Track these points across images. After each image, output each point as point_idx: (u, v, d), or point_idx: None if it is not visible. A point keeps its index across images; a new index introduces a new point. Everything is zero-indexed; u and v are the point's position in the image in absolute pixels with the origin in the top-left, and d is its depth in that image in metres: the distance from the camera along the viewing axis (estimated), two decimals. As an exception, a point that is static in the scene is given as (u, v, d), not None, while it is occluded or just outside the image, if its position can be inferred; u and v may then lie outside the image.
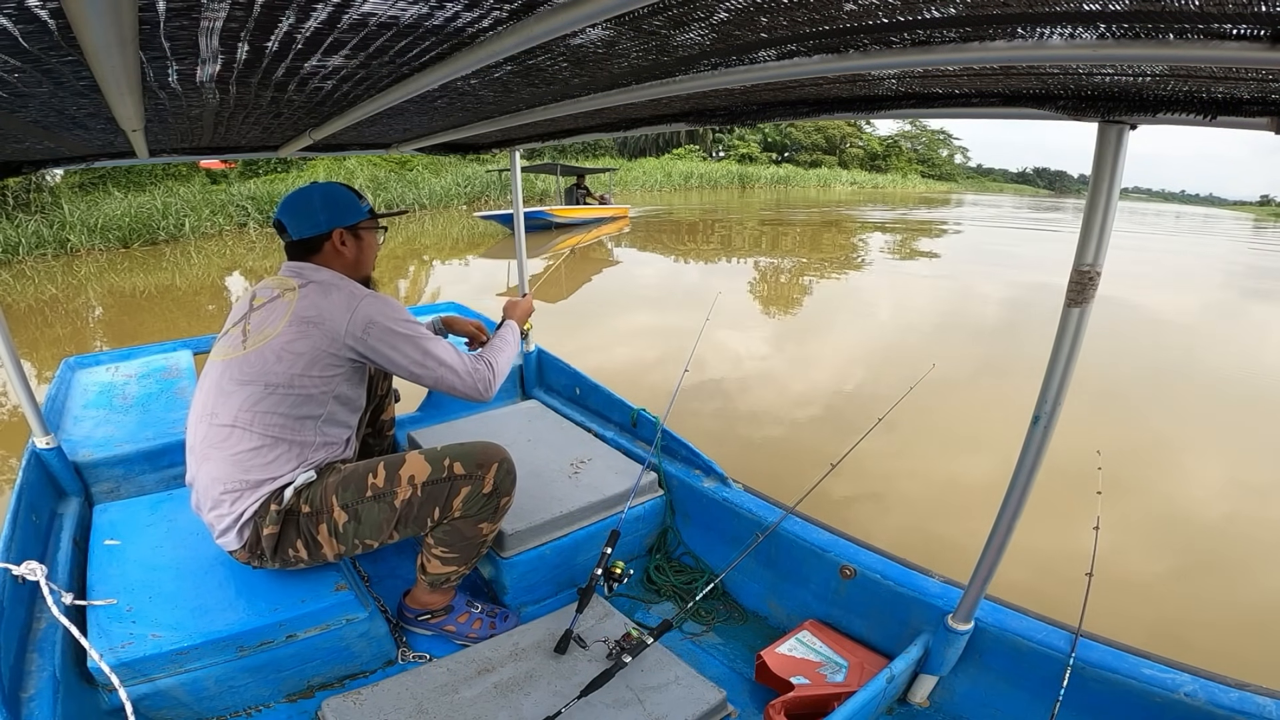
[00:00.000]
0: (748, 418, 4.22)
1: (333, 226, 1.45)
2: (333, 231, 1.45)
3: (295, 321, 1.34)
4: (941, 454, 3.78)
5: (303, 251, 1.46)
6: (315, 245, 1.46)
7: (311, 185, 1.48)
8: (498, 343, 1.64)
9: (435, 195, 17.90)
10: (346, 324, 1.35)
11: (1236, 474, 3.79)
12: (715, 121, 1.39)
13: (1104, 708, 1.21)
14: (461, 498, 1.40)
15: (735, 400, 4.51)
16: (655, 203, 22.68)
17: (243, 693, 1.35)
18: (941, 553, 2.50)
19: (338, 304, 1.36)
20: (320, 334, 1.34)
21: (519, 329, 1.76)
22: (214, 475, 1.34)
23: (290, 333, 1.33)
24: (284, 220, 1.45)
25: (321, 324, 1.34)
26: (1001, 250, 14.37)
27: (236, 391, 1.33)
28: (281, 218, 1.45)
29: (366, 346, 1.37)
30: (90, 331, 6.77)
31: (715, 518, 1.86)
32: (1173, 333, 7.21)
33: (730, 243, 13.79)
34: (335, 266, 1.47)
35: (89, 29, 0.51)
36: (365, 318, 1.36)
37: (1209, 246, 19.57)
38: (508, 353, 1.62)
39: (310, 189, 1.47)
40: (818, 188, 38.07)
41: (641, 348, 5.70)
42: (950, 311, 7.82)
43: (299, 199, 1.46)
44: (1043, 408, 1.06)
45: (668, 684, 1.38)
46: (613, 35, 0.75)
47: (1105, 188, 0.92)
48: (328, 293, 1.37)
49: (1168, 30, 0.55)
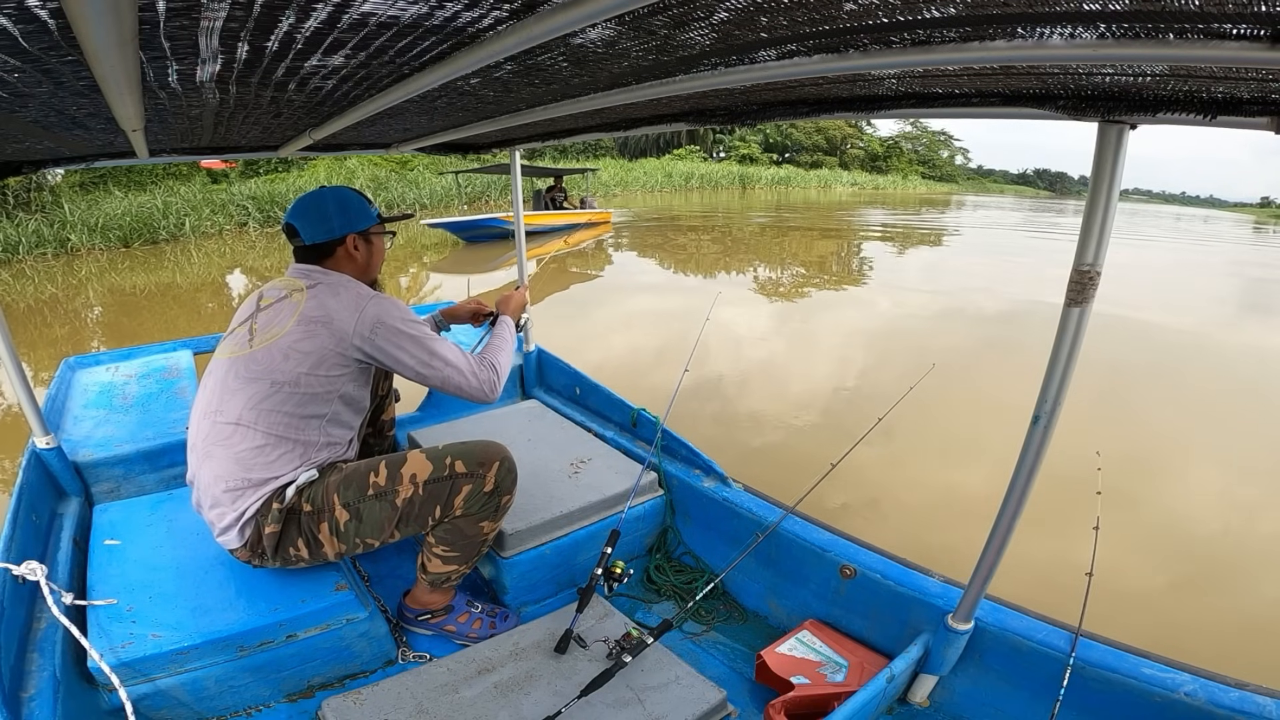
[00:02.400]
0: (747, 421, 4.22)
1: (346, 232, 1.46)
2: (346, 236, 1.47)
3: (303, 321, 1.35)
4: (941, 458, 3.77)
5: (314, 256, 1.47)
6: (328, 250, 1.47)
7: (322, 190, 1.49)
8: (496, 342, 1.64)
9: (436, 195, 17.90)
10: (354, 325, 1.35)
11: (1237, 473, 3.79)
12: (715, 121, 1.39)
13: (1104, 707, 1.21)
14: (463, 496, 1.40)
15: (734, 405, 4.51)
16: (654, 204, 22.54)
17: (243, 693, 1.35)
18: (942, 554, 2.50)
19: (345, 305, 1.36)
20: (328, 334, 1.34)
21: (514, 324, 1.76)
22: (216, 473, 1.34)
23: (298, 332, 1.34)
24: (296, 225, 1.45)
25: (329, 324, 1.34)
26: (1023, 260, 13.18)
27: (242, 389, 1.34)
28: (294, 222, 1.45)
29: (374, 347, 1.37)
30: (90, 331, 6.77)
31: (715, 517, 1.86)
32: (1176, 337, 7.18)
33: (725, 251, 12.65)
34: (346, 270, 1.48)
35: (89, 29, 0.51)
36: (373, 318, 1.36)
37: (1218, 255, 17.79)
38: (507, 351, 1.63)
39: (322, 194, 1.48)
40: (818, 189, 38.03)
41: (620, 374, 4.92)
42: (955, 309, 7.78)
43: (312, 204, 1.46)
44: (1042, 407, 1.06)
45: (668, 684, 1.38)
46: (613, 35, 0.75)
47: (1105, 188, 0.92)
48: (335, 294, 1.38)
49: (1168, 30, 0.55)
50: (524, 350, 2.67)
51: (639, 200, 23.67)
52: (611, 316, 7.15)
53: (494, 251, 10.73)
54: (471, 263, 10.34)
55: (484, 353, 1.57)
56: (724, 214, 20.16)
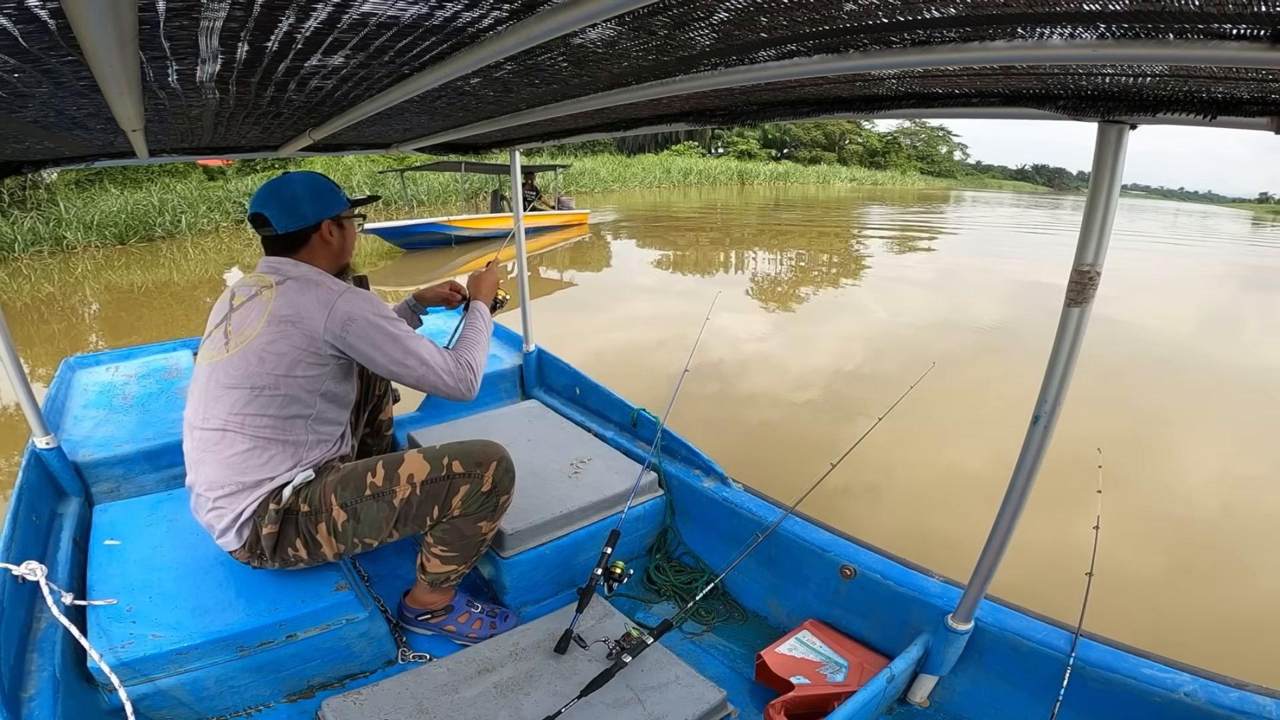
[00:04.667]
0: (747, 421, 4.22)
1: (320, 218, 1.41)
2: (321, 223, 1.42)
3: (273, 321, 1.31)
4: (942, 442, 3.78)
5: (286, 246, 1.41)
6: (303, 238, 1.41)
7: (289, 176, 1.42)
8: (471, 334, 1.56)
9: (434, 192, 17.85)
10: (325, 322, 1.32)
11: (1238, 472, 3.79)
12: (715, 121, 1.39)
13: (1104, 707, 1.21)
14: (460, 496, 1.40)
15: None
16: (650, 201, 22.36)
17: (243, 693, 1.35)
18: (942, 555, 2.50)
19: (315, 301, 1.32)
20: (299, 333, 1.31)
21: (487, 308, 1.69)
22: (210, 479, 1.34)
23: (269, 333, 1.31)
24: (267, 214, 1.38)
25: (299, 323, 1.31)
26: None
27: (224, 396, 1.32)
28: (264, 211, 1.38)
29: (345, 344, 1.34)
30: (87, 328, 6.76)
31: (715, 517, 1.86)
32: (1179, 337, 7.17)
33: (720, 256, 11.51)
34: (320, 258, 1.43)
35: (89, 29, 0.51)
36: (344, 314, 1.32)
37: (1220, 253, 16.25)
38: (483, 344, 1.56)
39: (290, 180, 1.40)
40: (817, 184, 37.94)
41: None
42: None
43: (282, 191, 1.39)
44: (1043, 407, 1.06)
45: (668, 684, 1.38)
46: (613, 35, 0.75)
47: (1105, 188, 0.92)
48: (305, 289, 1.34)
49: (1168, 30, 0.55)
50: (524, 350, 2.67)
51: (636, 196, 23.51)
52: (593, 328, 6.40)
53: (435, 260, 9.62)
54: (411, 273, 9.23)
55: (459, 348, 1.50)
56: (722, 212, 20.04)
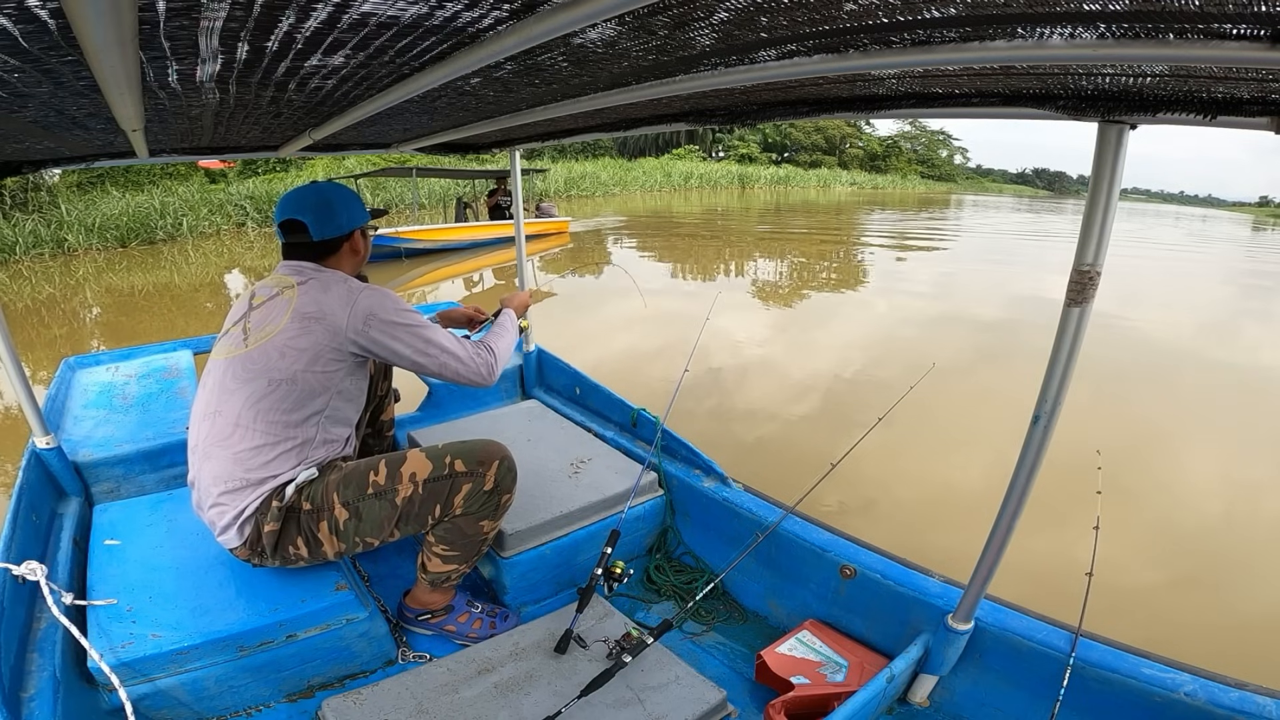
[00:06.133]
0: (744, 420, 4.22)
1: (353, 227, 1.48)
2: (353, 232, 1.48)
3: (297, 318, 1.35)
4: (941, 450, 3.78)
5: (317, 252, 1.46)
6: (336, 245, 1.47)
7: (321, 185, 1.48)
8: (497, 329, 1.65)
9: (435, 194, 17.85)
10: (347, 318, 1.35)
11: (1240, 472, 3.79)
12: (715, 121, 1.39)
13: (1104, 707, 1.21)
14: (463, 495, 1.40)
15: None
16: (650, 205, 22.30)
17: (243, 693, 1.35)
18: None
19: (337, 299, 1.36)
20: (322, 329, 1.34)
21: (517, 319, 1.77)
22: (216, 473, 1.35)
23: (293, 329, 1.34)
24: (306, 220, 1.43)
25: (323, 319, 1.34)
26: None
27: (239, 389, 1.34)
28: (302, 218, 1.43)
29: (368, 339, 1.37)
30: (88, 331, 6.76)
31: (715, 517, 1.86)
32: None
33: (714, 264, 10.76)
34: (346, 265, 1.49)
35: (89, 29, 0.51)
36: (365, 310, 1.36)
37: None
38: (507, 339, 1.63)
39: (324, 188, 1.47)
40: (817, 188, 37.93)
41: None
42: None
43: (320, 199, 1.45)
44: (1043, 407, 1.06)
45: (668, 684, 1.38)
46: (613, 35, 0.75)
47: (1105, 188, 0.92)
48: (327, 288, 1.38)
49: (1168, 30, 0.55)
50: (524, 350, 2.67)
51: (637, 200, 23.49)
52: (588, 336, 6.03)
53: (387, 274, 8.92)
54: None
55: (484, 337, 1.57)
56: (722, 216, 19.98)
